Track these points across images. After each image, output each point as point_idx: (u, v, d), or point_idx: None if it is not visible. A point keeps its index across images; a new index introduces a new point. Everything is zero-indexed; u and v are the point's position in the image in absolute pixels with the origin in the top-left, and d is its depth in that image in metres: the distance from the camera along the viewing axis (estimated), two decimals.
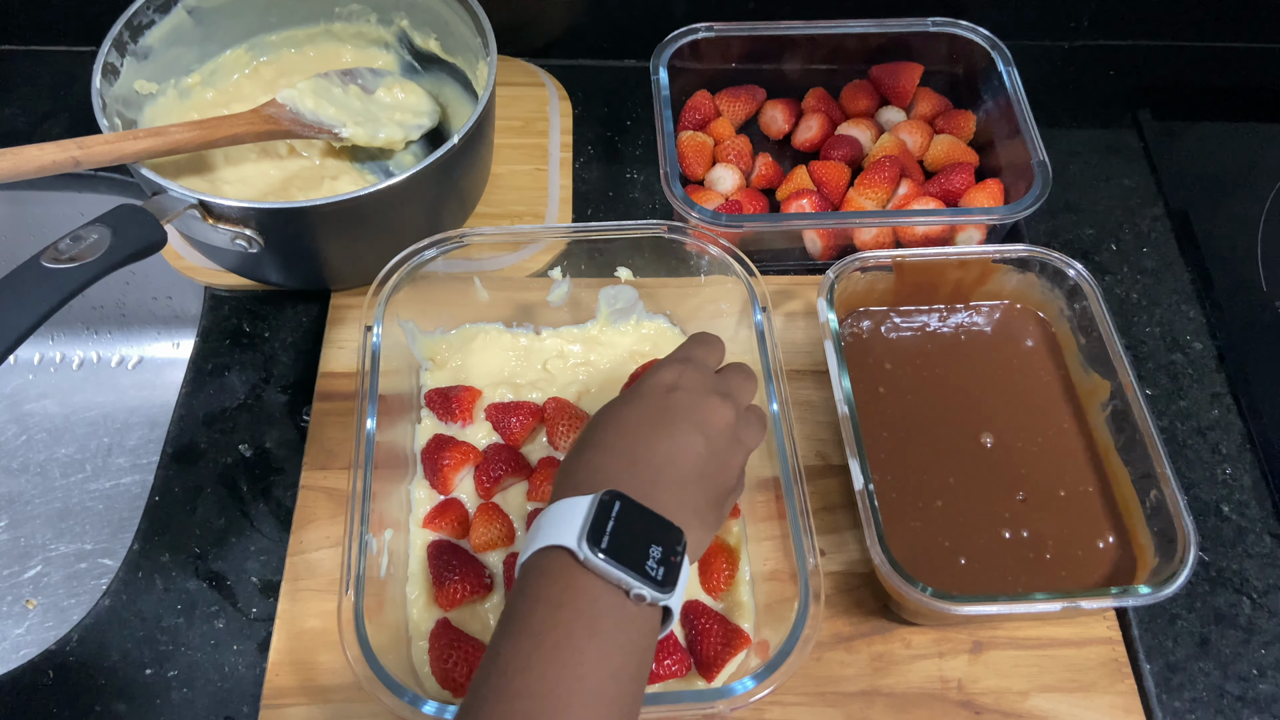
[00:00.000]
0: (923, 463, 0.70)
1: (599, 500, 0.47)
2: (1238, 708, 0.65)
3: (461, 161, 0.75)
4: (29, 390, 0.98)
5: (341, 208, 0.69)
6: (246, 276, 0.80)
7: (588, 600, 0.45)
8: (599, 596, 0.45)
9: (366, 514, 0.60)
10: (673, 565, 0.47)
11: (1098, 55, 1.01)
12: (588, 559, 0.45)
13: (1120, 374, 0.69)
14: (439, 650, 0.61)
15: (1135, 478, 0.67)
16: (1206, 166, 0.93)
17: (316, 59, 0.89)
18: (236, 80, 0.87)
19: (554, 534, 0.46)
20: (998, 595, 0.61)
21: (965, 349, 0.76)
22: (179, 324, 0.99)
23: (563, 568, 0.46)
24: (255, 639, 0.66)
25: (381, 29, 0.88)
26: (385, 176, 0.73)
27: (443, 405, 0.72)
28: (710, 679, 0.62)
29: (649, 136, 0.94)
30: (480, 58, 0.81)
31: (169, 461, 0.73)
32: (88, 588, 0.87)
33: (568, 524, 0.46)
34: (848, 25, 0.90)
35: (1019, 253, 0.75)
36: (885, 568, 0.59)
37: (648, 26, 0.91)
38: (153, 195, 0.68)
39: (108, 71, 0.75)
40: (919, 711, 0.64)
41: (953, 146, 0.88)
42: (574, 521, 0.46)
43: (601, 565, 0.45)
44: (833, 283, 0.72)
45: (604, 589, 0.45)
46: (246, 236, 0.70)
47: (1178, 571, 0.60)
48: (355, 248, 0.75)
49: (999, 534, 0.67)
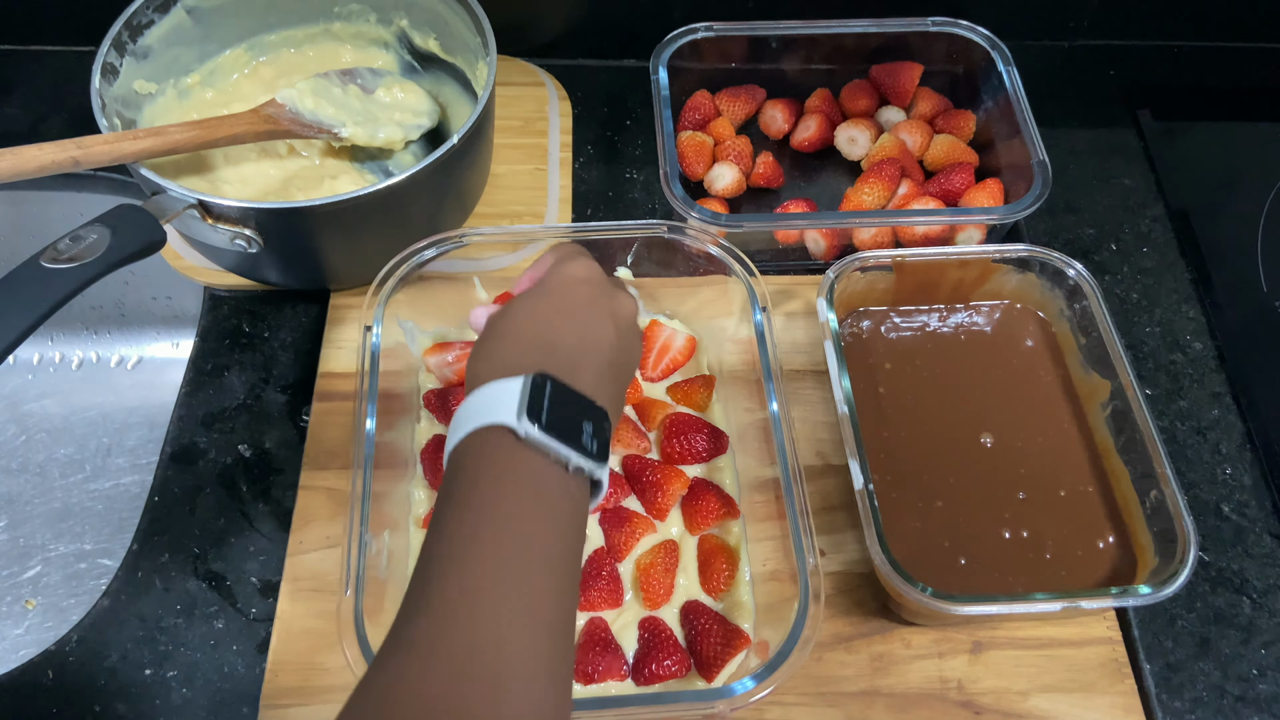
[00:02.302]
0: (923, 463, 0.70)
1: (531, 381, 0.47)
2: (1238, 708, 0.65)
3: (461, 161, 0.75)
4: (28, 390, 0.98)
5: (341, 208, 0.69)
6: (246, 276, 0.80)
7: (529, 473, 0.46)
8: (540, 470, 0.46)
9: (366, 514, 0.60)
10: (604, 441, 0.49)
11: (1097, 55, 1.01)
12: (529, 434, 0.46)
13: (1120, 374, 0.69)
14: None
15: (1135, 477, 0.67)
16: (1206, 166, 0.93)
17: (316, 59, 0.89)
18: (236, 80, 0.87)
19: (489, 414, 0.47)
20: (998, 595, 0.61)
21: (965, 349, 0.76)
22: (178, 324, 0.99)
23: (501, 446, 0.46)
24: (255, 639, 0.66)
25: (381, 29, 0.88)
26: (385, 176, 0.73)
27: (442, 406, 0.72)
28: (710, 679, 0.61)
29: (649, 136, 0.94)
30: (480, 58, 0.81)
31: (168, 462, 0.73)
32: (87, 588, 0.87)
33: (503, 404, 0.47)
34: (847, 25, 0.90)
35: (1019, 252, 0.75)
36: (885, 568, 0.59)
37: (647, 26, 0.91)
38: (152, 195, 0.68)
39: (107, 71, 0.75)
40: (919, 711, 0.64)
41: (953, 146, 0.88)
42: (509, 402, 0.47)
43: (543, 439, 0.46)
44: (833, 283, 0.72)
45: (544, 464, 0.46)
46: (246, 236, 0.70)
47: (1178, 571, 0.60)
48: (355, 248, 0.75)
49: (999, 534, 0.67)
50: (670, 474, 0.68)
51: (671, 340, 0.76)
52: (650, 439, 0.72)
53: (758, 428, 0.68)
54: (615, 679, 0.62)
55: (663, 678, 0.61)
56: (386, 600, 0.62)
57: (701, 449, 0.70)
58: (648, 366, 0.75)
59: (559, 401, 0.48)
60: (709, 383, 0.74)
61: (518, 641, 0.41)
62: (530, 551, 0.44)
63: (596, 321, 0.53)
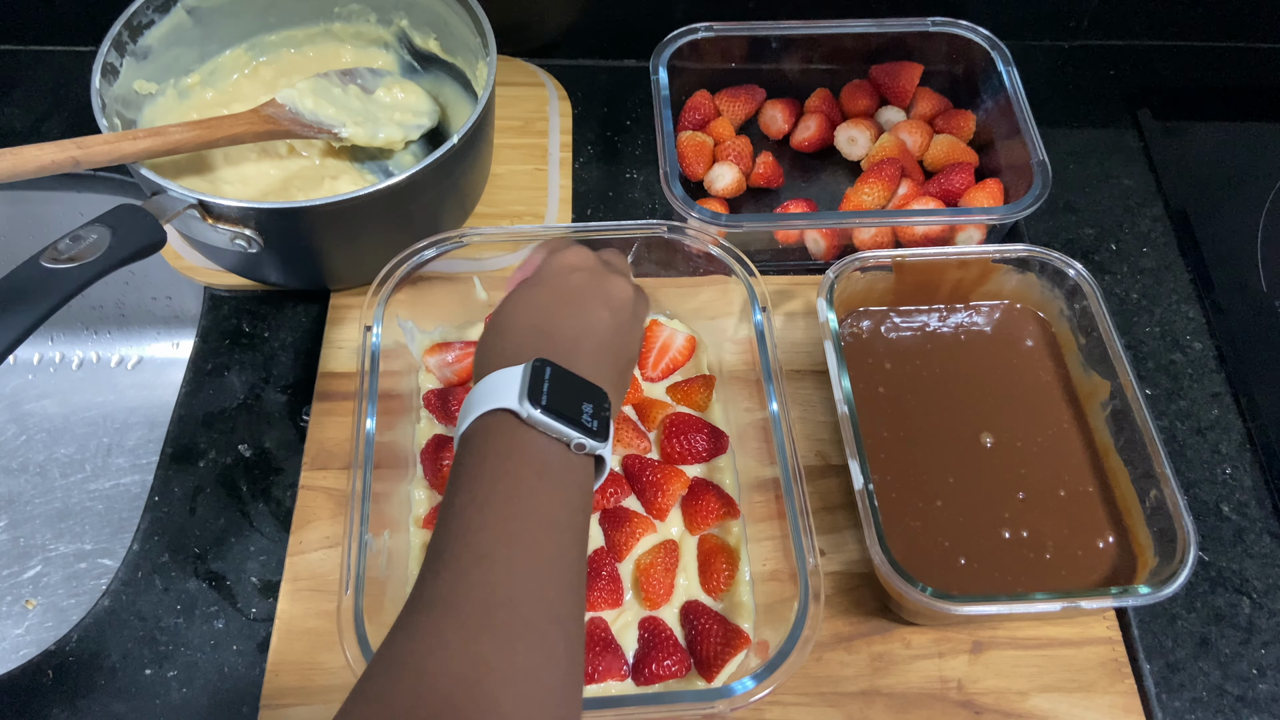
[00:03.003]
0: (923, 463, 0.70)
1: (531, 367, 0.50)
2: (1238, 708, 0.65)
3: (461, 161, 0.75)
4: (29, 390, 0.98)
5: (342, 208, 0.69)
6: (246, 277, 0.80)
7: (534, 449, 0.48)
8: (544, 447, 0.49)
9: (366, 514, 0.60)
10: (604, 420, 0.50)
11: (1097, 55, 1.01)
12: (530, 415, 0.48)
13: (1120, 374, 0.69)
14: None
15: (1135, 477, 0.67)
16: (1206, 166, 0.93)
17: (316, 59, 0.89)
18: (236, 80, 0.87)
19: (493, 400, 0.49)
20: (998, 595, 0.61)
21: (965, 349, 0.76)
22: (178, 324, 0.99)
23: (506, 428, 0.49)
24: (255, 639, 0.66)
25: (381, 29, 0.88)
26: (385, 176, 0.73)
27: (442, 406, 0.72)
28: (710, 679, 0.62)
29: (649, 136, 0.94)
30: (480, 57, 0.81)
31: (168, 462, 0.73)
32: (87, 588, 0.87)
33: (505, 390, 0.49)
34: (847, 25, 0.90)
35: (1019, 252, 0.75)
36: (885, 568, 0.59)
37: (647, 26, 0.91)
38: (152, 195, 0.68)
39: (107, 71, 0.75)
40: (919, 711, 0.64)
41: (952, 146, 0.88)
42: (510, 388, 0.49)
43: (544, 419, 0.48)
44: (832, 283, 0.72)
45: (547, 442, 0.49)
46: (246, 236, 0.70)
47: (1177, 571, 0.60)
48: (355, 248, 0.75)
49: (999, 534, 0.67)
50: (670, 474, 0.68)
51: (671, 340, 0.76)
52: (650, 439, 0.72)
53: (758, 428, 0.68)
54: (615, 679, 0.62)
55: (663, 678, 0.61)
56: (386, 600, 0.62)
57: (701, 449, 0.70)
58: (647, 366, 0.75)
59: (559, 384, 0.50)
60: (709, 383, 0.74)
61: (530, 598, 0.44)
62: (538, 517, 0.47)
63: (592, 306, 0.55)
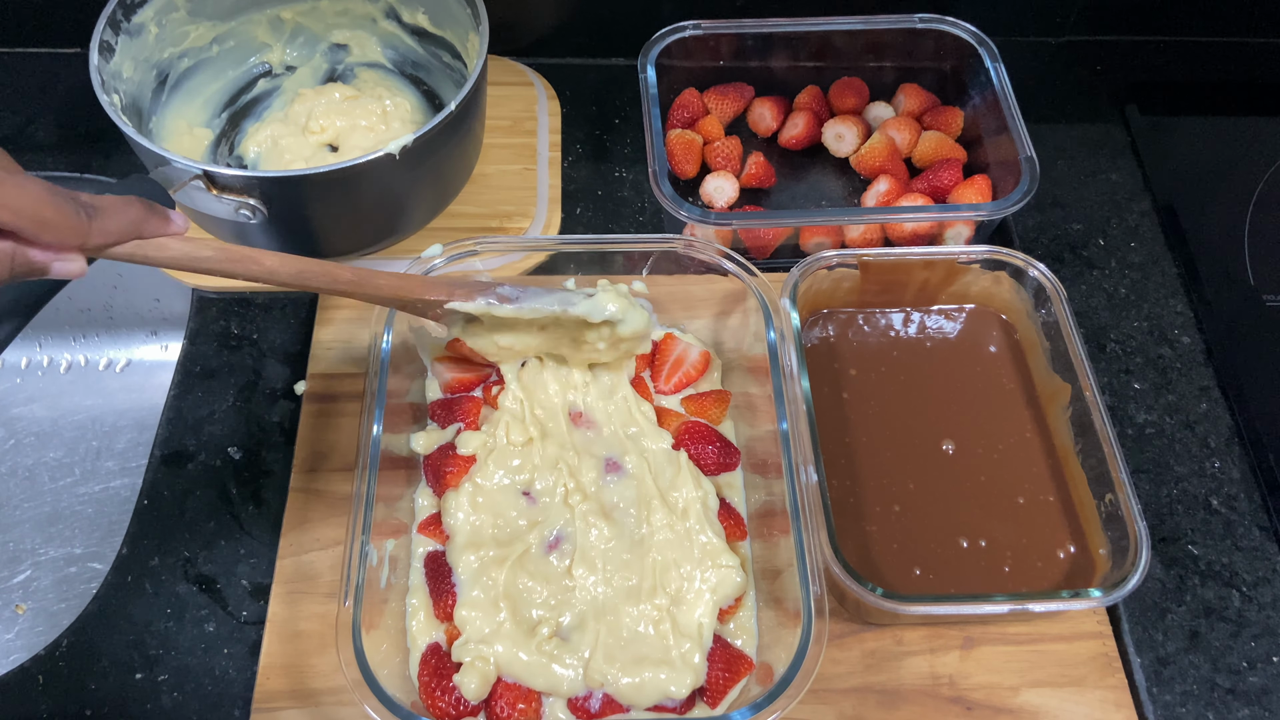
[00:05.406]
0: (883, 468, 0.70)
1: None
2: (1228, 700, 0.65)
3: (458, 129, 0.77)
4: (16, 394, 0.97)
5: (344, 175, 0.70)
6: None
7: None
8: None
9: (368, 522, 0.60)
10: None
11: (1085, 51, 1.01)
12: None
13: (1081, 378, 0.69)
14: (426, 679, 0.61)
15: (1091, 480, 0.67)
16: (1193, 161, 0.93)
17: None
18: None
19: None
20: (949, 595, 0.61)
21: (930, 355, 0.76)
22: (167, 326, 0.99)
23: None
24: (246, 642, 0.66)
25: (368, 4, 0.89)
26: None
27: (446, 416, 0.71)
28: (713, 706, 0.61)
29: (638, 135, 0.93)
30: (470, 29, 0.81)
31: (158, 465, 0.73)
32: (77, 592, 0.86)
33: None
34: (835, 22, 0.90)
35: (984, 254, 0.74)
36: (836, 567, 0.59)
37: (635, 24, 0.91)
38: (157, 167, 0.69)
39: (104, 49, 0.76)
40: (911, 708, 0.64)
41: (940, 143, 0.88)
42: None
43: None
44: (796, 281, 0.72)
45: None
46: (250, 206, 0.71)
47: (1129, 575, 0.60)
48: (353, 217, 0.77)
49: (957, 542, 0.67)
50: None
51: (686, 354, 0.75)
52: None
53: (767, 447, 0.67)
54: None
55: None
56: (387, 611, 0.62)
57: (712, 459, 0.69)
58: (660, 379, 0.74)
59: None
60: (723, 398, 0.73)
61: None
62: None
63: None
